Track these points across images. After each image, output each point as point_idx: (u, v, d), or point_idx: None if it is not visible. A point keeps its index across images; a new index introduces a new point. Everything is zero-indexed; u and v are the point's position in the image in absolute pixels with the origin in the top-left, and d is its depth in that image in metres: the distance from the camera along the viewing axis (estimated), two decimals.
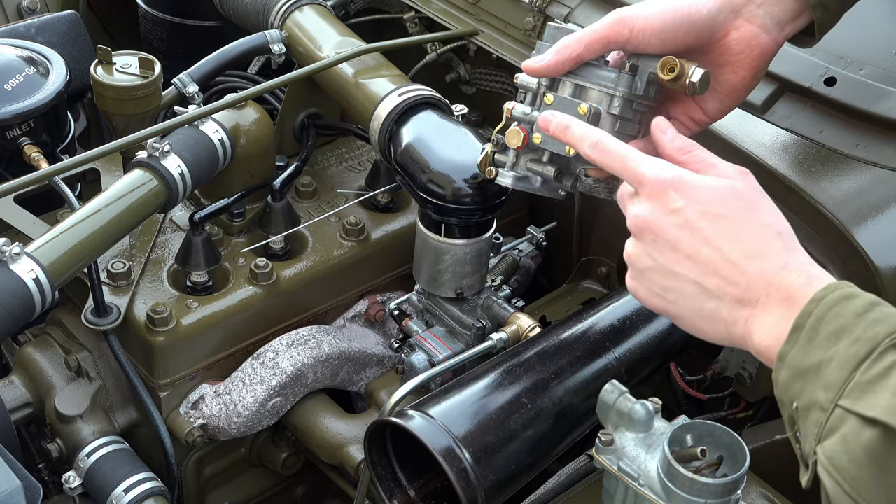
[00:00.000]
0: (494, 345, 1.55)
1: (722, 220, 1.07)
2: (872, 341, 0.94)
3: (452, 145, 1.60)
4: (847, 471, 0.91)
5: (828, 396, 0.94)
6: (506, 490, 1.35)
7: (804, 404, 0.96)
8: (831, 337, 0.96)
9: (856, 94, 1.58)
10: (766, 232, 1.07)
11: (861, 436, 0.90)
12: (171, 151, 1.62)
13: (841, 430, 0.92)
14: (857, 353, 0.93)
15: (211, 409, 1.67)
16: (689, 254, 1.08)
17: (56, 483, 1.73)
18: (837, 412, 0.93)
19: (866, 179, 1.57)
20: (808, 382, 0.96)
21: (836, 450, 0.92)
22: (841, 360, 0.94)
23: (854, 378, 0.93)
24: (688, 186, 1.09)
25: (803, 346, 0.98)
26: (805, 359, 0.97)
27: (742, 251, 1.06)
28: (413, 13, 2.10)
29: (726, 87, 1.31)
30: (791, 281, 1.03)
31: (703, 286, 1.08)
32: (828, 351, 0.95)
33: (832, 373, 0.94)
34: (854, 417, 0.91)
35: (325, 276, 1.77)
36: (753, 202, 1.10)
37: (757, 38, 1.28)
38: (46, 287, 1.43)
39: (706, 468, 1.21)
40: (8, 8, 2.21)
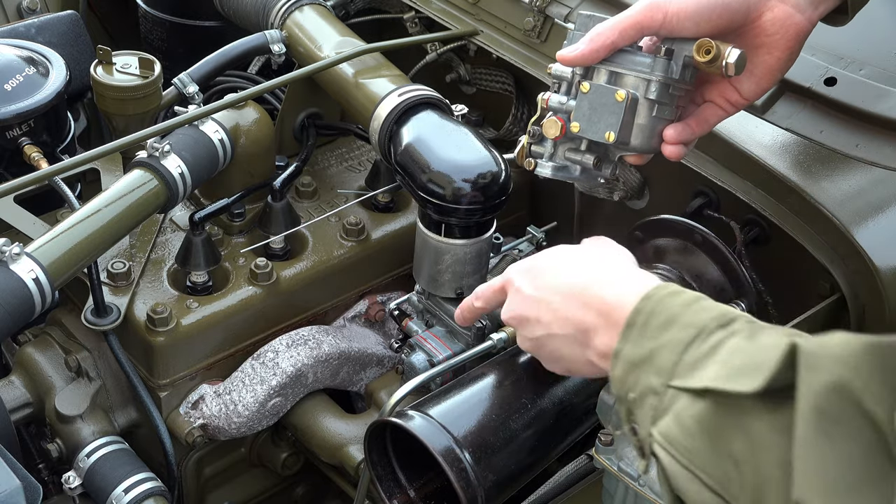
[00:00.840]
0: (494, 345, 1.54)
1: (543, 273, 1.22)
2: (699, 325, 0.98)
3: (452, 145, 1.60)
4: (680, 443, 0.93)
5: (660, 380, 0.97)
6: (506, 490, 1.35)
7: (639, 393, 0.99)
8: (661, 327, 1.00)
9: (856, 94, 1.58)
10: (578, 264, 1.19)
11: (692, 408, 0.93)
12: (171, 151, 1.62)
13: (674, 408, 0.95)
14: (686, 337, 0.97)
15: (211, 409, 1.67)
16: (536, 319, 1.21)
17: (56, 483, 1.73)
18: (670, 393, 0.95)
19: (866, 179, 1.58)
20: (641, 372, 0.99)
21: (669, 426, 0.95)
22: (671, 345, 0.98)
23: (683, 360, 0.96)
24: (522, 267, 1.26)
25: (636, 339, 1.01)
26: (637, 350, 1.01)
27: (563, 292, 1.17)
28: (413, 13, 2.10)
29: (762, 69, 1.31)
30: (596, 292, 1.12)
31: (555, 335, 1.18)
32: (658, 340, 0.99)
33: (663, 358, 0.98)
34: (685, 394, 0.94)
35: (325, 276, 1.77)
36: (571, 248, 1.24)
37: (791, 18, 1.28)
38: (46, 287, 1.43)
39: None
40: (8, 8, 2.21)
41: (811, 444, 0.81)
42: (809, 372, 0.83)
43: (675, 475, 0.94)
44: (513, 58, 1.91)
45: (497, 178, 1.57)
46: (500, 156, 1.59)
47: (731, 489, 0.89)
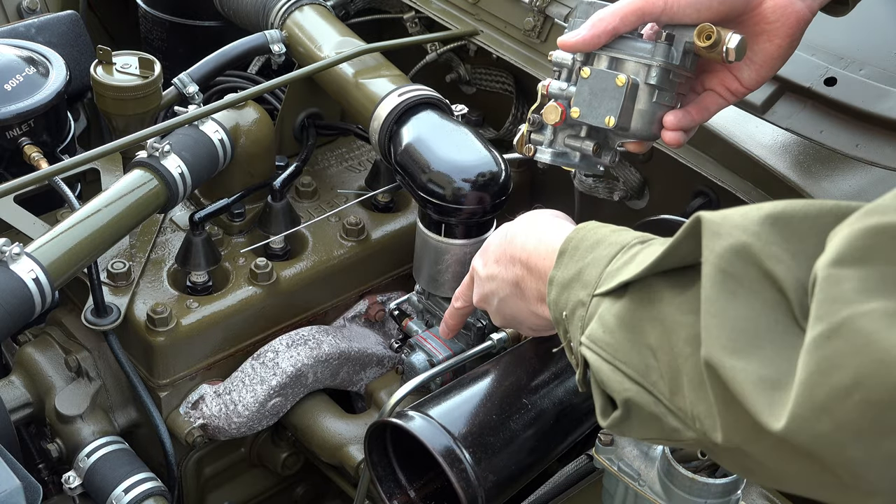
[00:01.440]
0: (494, 345, 1.55)
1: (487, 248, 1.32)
2: (622, 242, 1.04)
3: (452, 145, 1.60)
4: (603, 340, 0.98)
5: (587, 291, 1.03)
6: (506, 490, 1.35)
7: (570, 309, 1.05)
8: (589, 249, 1.07)
9: (856, 94, 1.58)
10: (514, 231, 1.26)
11: (613, 308, 0.98)
12: (171, 151, 1.62)
13: (598, 312, 1.00)
14: (609, 253, 1.04)
15: (211, 409, 1.67)
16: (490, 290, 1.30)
17: (56, 483, 1.73)
18: (594, 301, 1.02)
19: (866, 179, 1.58)
20: (571, 290, 1.06)
21: (594, 328, 1.00)
22: (596, 261, 1.05)
23: (607, 270, 1.02)
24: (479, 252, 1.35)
25: (567, 263, 1.09)
26: (567, 272, 1.08)
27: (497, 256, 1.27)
28: (413, 13, 2.10)
29: (762, 56, 1.30)
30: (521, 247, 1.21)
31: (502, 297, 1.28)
32: (585, 259, 1.06)
33: (589, 273, 1.04)
34: (607, 298, 1.00)
35: (325, 276, 1.77)
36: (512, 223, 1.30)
37: (792, 6, 1.28)
38: (46, 287, 1.43)
39: (706, 468, 1.21)
40: (8, 8, 2.21)
41: (715, 302, 0.85)
42: (712, 238, 0.87)
43: (600, 370, 0.99)
44: (513, 58, 1.92)
45: (497, 178, 1.57)
46: (500, 156, 1.59)
47: (651, 376, 0.94)
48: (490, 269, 1.29)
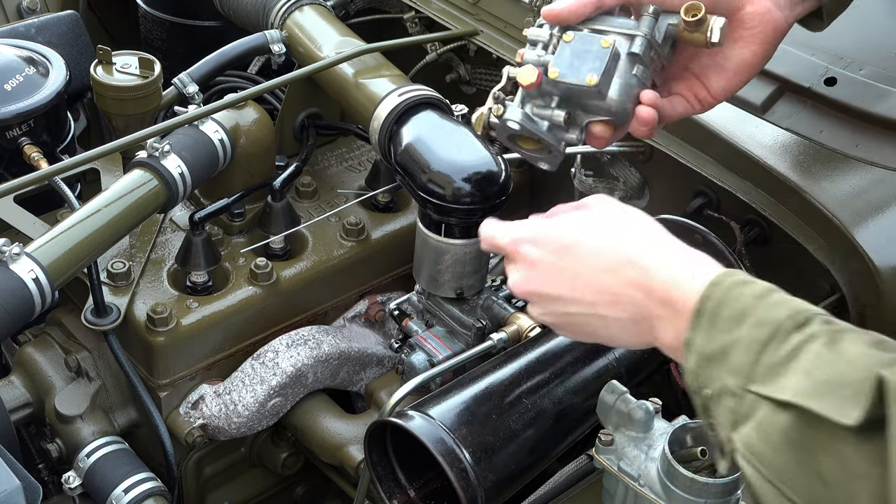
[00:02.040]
0: (494, 345, 1.55)
1: (576, 246, 1.10)
2: (774, 323, 0.94)
3: (452, 145, 1.60)
4: (765, 456, 0.91)
5: (737, 382, 0.93)
6: (506, 490, 1.35)
7: (715, 391, 0.96)
8: (733, 320, 0.96)
9: (856, 94, 1.58)
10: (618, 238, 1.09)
11: (776, 420, 0.90)
12: (171, 151, 1.62)
13: (755, 415, 0.92)
14: (761, 336, 0.93)
15: (211, 409, 1.67)
16: (570, 296, 1.10)
17: (56, 483, 1.73)
18: (749, 398, 0.92)
19: (866, 179, 1.57)
20: (716, 368, 0.96)
21: (752, 436, 0.92)
22: (745, 343, 0.94)
23: (761, 361, 0.93)
24: (535, 234, 1.13)
25: (707, 330, 0.98)
26: (710, 343, 0.97)
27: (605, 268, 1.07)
28: (413, 13, 2.10)
29: (735, 63, 1.30)
30: (660, 282, 1.04)
31: (602, 315, 1.09)
32: (731, 334, 0.95)
33: (738, 357, 0.94)
34: (766, 402, 0.91)
35: (325, 276, 1.77)
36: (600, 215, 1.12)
37: (770, 14, 1.28)
38: (46, 287, 1.43)
39: (706, 468, 1.21)
40: (8, 8, 2.21)
41: None
42: None
43: (762, 491, 0.91)
44: (513, 58, 1.91)
45: (497, 178, 1.57)
46: (500, 156, 1.59)
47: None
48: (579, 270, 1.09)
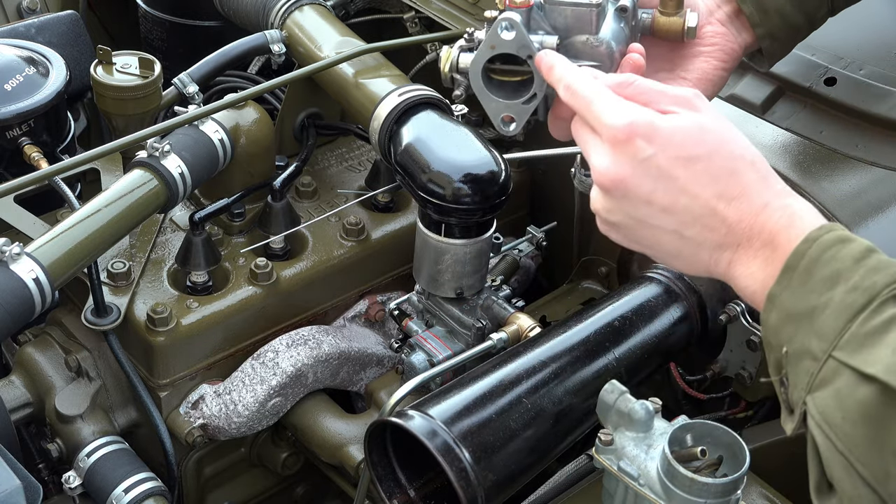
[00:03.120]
0: (494, 345, 1.55)
1: (696, 162, 1.01)
2: (871, 290, 0.89)
3: (452, 145, 1.60)
4: (840, 427, 0.88)
5: (821, 346, 0.90)
6: (506, 490, 1.35)
7: (795, 350, 0.93)
8: (826, 281, 0.92)
9: (856, 94, 1.58)
10: (740, 164, 1.02)
11: (857, 392, 0.87)
12: (171, 151, 1.62)
13: (834, 383, 0.89)
14: (855, 303, 0.89)
15: (211, 409, 1.67)
16: (664, 206, 1.02)
17: (56, 483, 1.73)
18: (831, 363, 0.89)
19: (866, 179, 1.58)
20: (800, 328, 0.92)
21: (828, 404, 0.89)
22: (837, 307, 0.90)
23: (850, 329, 0.89)
24: (655, 131, 1.02)
25: (796, 288, 0.93)
26: (798, 302, 0.93)
27: (720, 193, 1.00)
28: (413, 13, 2.10)
29: (697, 74, 1.32)
30: (774, 223, 0.98)
31: (682, 234, 1.03)
32: (822, 296, 0.91)
33: (827, 321, 0.90)
34: (849, 371, 0.88)
35: (325, 276, 1.77)
36: (721, 133, 1.04)
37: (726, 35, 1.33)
38: (46, 287, 1.43)
39: (706, 468, 1.21)
40: (8, 8, 2.21)
41: None
42: None
43: (830, 460, 0.89)
44: None
45: (497, 178, 1.57)
46: (500, 156, 1.59)
47: (890, 486, 0.85)
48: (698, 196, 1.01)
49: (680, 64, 1.32)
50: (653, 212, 1.03)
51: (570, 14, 1.17)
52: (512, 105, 1.18)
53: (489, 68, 1.17)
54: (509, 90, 1.18)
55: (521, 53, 1.14)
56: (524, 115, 1.18)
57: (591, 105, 1.06)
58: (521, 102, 1.17)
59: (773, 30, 1.35)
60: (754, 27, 1.33)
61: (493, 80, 1.18)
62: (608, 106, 1.05)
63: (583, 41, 1.19)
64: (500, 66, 1.17)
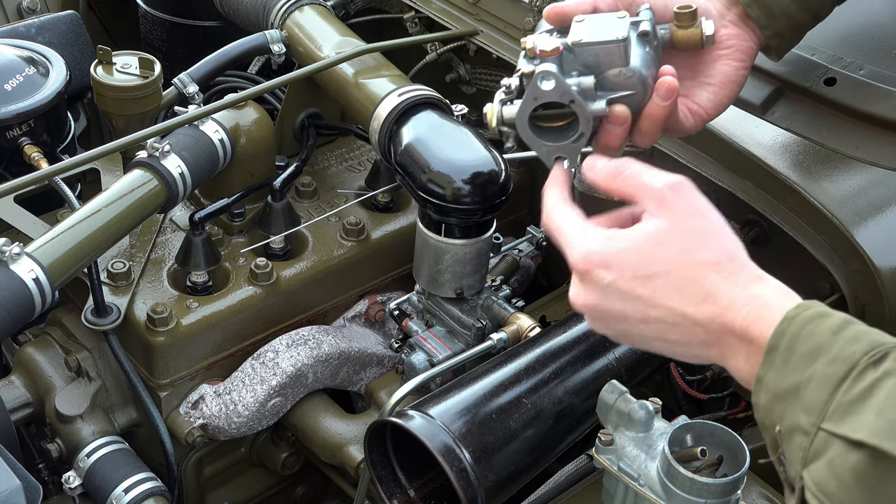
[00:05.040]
0: (494, 345, 1.55)
1: (654, 279, 1.06)
2: (850, 360, 0.92)
3: (452, 145, 1.60)
4: (836, 496, 0.90)
5: (809, 419, 0.92)
6: (506, 490, 1.35)
7: (786, 428, 0.95)
8: (807, 357, 0.95)
9: (856, 94, 1.58)
10: (699, 270, 1.05)
11: (848, 459, 0.89)
12: (171, 151, 1.62)
13: (826, 453, 0.91)
14: (836, 373, 0.92)
15: (211, 409, 1.67)
16: (640, 320, 1.07)
17: (56, 483, 1.73)
18: (821, 435, 0.91)
19: (866, 179, 1.57)
20: (788, 405, 0.95)
21: (823, 475, 0.91)
22: (819, 380, 0.93)
23: (835, 399, 0.91)
24: (610, 258, 1.08)
25: (779, 367, 0.96)
26: (783, 381, 0.96)
27: (685, 301, 1.04)
28: (413, 13, 2.10)
29: (721, 78, 1.33)
30: (742, 319, 1.01)
31: (667, 339, 1.07)
32: (805, 372, 0.94)
33: (812, 394, 0.93)
34: (839, 440, 0.90)
35: (325, 276, 1.77)
36: (680, 241, 1.07)
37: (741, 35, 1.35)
38: (46, 287, 1.43)
39: (706, 468, 1.21)
40: (8, 8, 2.21)
41: None
42: None
43: None
44: (513, 58, 1.91)
45: (497, 178, 1.57)
46: (500, 156, 1.60)
47: None
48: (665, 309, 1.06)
49: (702, 70, 1.34)
50: (632, 325, 1.08)
51: (599, 51, 1.21)
52: (562, 146, 1.22)
53: (534, 116, 1.21)
54: (557, 133, 1.23)
55: (563, 100, 1.19)
56: (575, 153, 1.22)
57: (560, 238, 1.14)
58: (570, 143, 1.22)
59: (780, 30, 1.38)
60: (762, 29, 1.37)
61: (540, 127, 1.23)
62: (570, 239, 1.12)
63: (615, 74, 1.22)
64: (544, 112, 1.22)
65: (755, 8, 1.35)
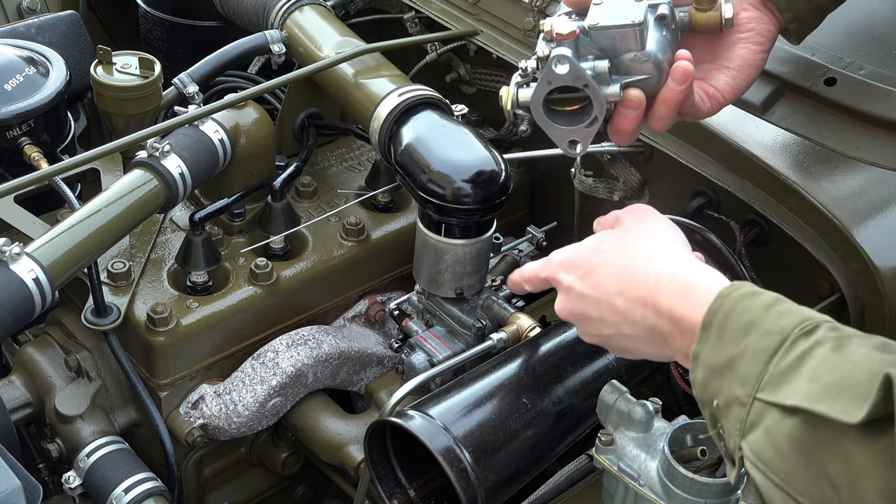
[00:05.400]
0: (494, 345, 1.55)
1: (597, 269, 1.17)
2: (782, 332, 0.95)
3: (452, 145, 1.60)
4: (773, 462, 0.92)
5: (745, 391, 0.95)
6: (506, 490, 1.35)
7: (724, 401, 0.98)
8: (741, 331, 0.98)
9: (856, 94, 1.58)
10: (633, 258, 1.15)
11: (783, 426, 0.91)
12: (171, 151, 1.62)
13: (763, 422, 0.93)
14: (769, 345, 0.95)
15: (211, 409, 1.67)
16: (598, 317, 1.17)
17: (56, 483, 1.73)
18: (757, 405, 0.94)
19: (866, 179, 1.58)
20: (724, 379, 0.98)
21: (760, 443, 0.93)
22: (753, 353, 0.95)
23: (769, 369, 0.94)
24: (565, 262, 1.21)
25: (714, 343, 1.00)
26: (718, 355, 0.99)
27: (619, 290, 1.14)
28: (413, 13, 2.10)
29: (739, 62, 1.35)
30: (668, 298, 1.08)
31: (625, 334, 1.15)
32: (739, 346, 0.97)
33: (746, 367, 0.95)
34: (774, 409, 0.92)
35: (325, 276, 1.77)
36: (619, 236, 1.20)
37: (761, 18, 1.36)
38: (46, 287, 1.43)
39: (706, 468, 1.21)
40: (8, 8, 2.21)
41: None
42: None
43: (771, 496, 0.92)
44: (513, 58, 1.91)
45: (497, 178, 1.57)
46: (500, 156, 1.59)
47: None
48: (603, 295, 1.15)
49: (721, 54, 1.35)
50: (598, 325, 1.18)
51: (615, 35, 1.22)
52: (576, 130, 1.24)
53: (549, 99, 1.22)
54: (571, 117, 1.25)
55: (577, 84, 1.20)
56: (588, 137, 1.24)
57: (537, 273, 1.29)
58: (584, 126, 1.24)
59: (799, 13, 1.38)
60: (782, 12, 1.37)
61: (554, 110, 1.23)
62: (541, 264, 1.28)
63: (631, 58, 1.23)
64: (559, 95, 1.22)
65: None
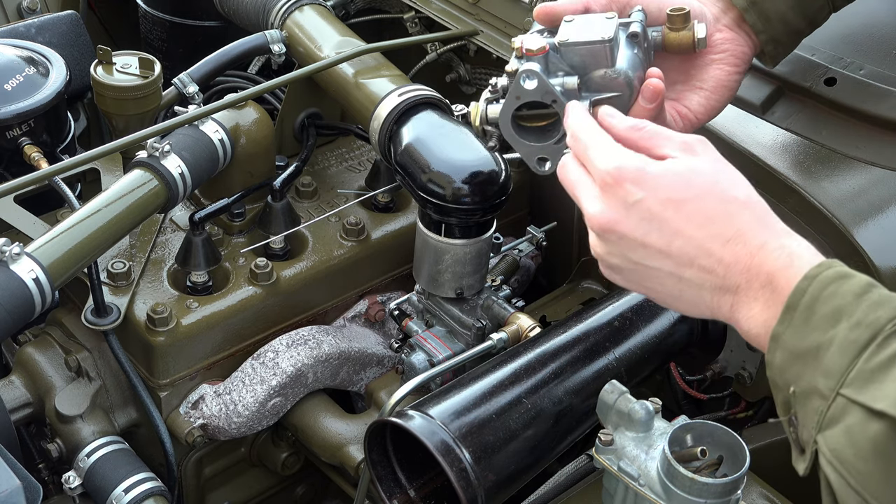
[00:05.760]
0: (494, 345, 1.55)
1: (686, 203, 1.02)
2: (874, 326, 0.90)
3: (452, 145, 1.60)
4: (853, 464, 0.88)
5: (828, 384, 0.90)
6: (506, 490, 1.35)
7: (802, 389, 0.93)
8: (829, 318, 0.92)
9: (856, 94, 1.58)
10: (733, 206, 1.02)
11: (867, 428, 0.87)
12: (171, 151, 1.62)
13: (844, 420, 0.89)
14: (859, 339, 0.90)
15: (211, 409, 1.67)
16: (660, 248, 1.03)
17: (56, 483, 1.73)
18: (840, 401, 0.90)
19: (866, 179, 1.58)
20: (806, 366, 0.93)
21: (839, 441, 0.89)
22: (841, 344, 0.90)
23: (856, 366, 0.89)
24: (644, 175, 1.03)
25: (799, 326, 0.94)
26: (802, 341, 0.93)
27: (714, 234, 1.01)
28: (413, 13, 2.10)
29: (713, 84, 1.33)
30: (771, 264, 0.98)
31: (681, 277, 1.03)
32: (826, 334, 0.92)
33: (832, 358, 0.91)
34: (858, 408, 0.88)
35: (325, 276, 1.77)
36: (714, 175, 1.05)
37: (736, 40, 1.34)
38: (46, 287, 1.43)
39: (706, 468, 1.21)
40: (8, 8, 2.21)
41: None
42: None
43: (844, 497, 0.89)
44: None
45: (497, 178, 1.57)
46: (500, 156, 1.60)
47: None
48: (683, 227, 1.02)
49: (694, 74, 1.33)
50: (649, 254, 1.04)
51: (585, 52, 1.20)
52: (545, 147, 1.22)
53: (517, 116, 1.21)
54: (539, 133, 1.23)
55: (546, 99, 1.18)
56: (557, 154, 1.20)
57: (587, 150, 1.09)
58: (553, 143, 1.21)
59: (776, 35, 1.37)
60: (757, 34, 1.36)
61: (523, 127, 1.22)
62: (601, 151, 1.07)
63: (601, 75, 1.22)
64: (528, 112, 1.21)
65: (751, 13, 1.34)
